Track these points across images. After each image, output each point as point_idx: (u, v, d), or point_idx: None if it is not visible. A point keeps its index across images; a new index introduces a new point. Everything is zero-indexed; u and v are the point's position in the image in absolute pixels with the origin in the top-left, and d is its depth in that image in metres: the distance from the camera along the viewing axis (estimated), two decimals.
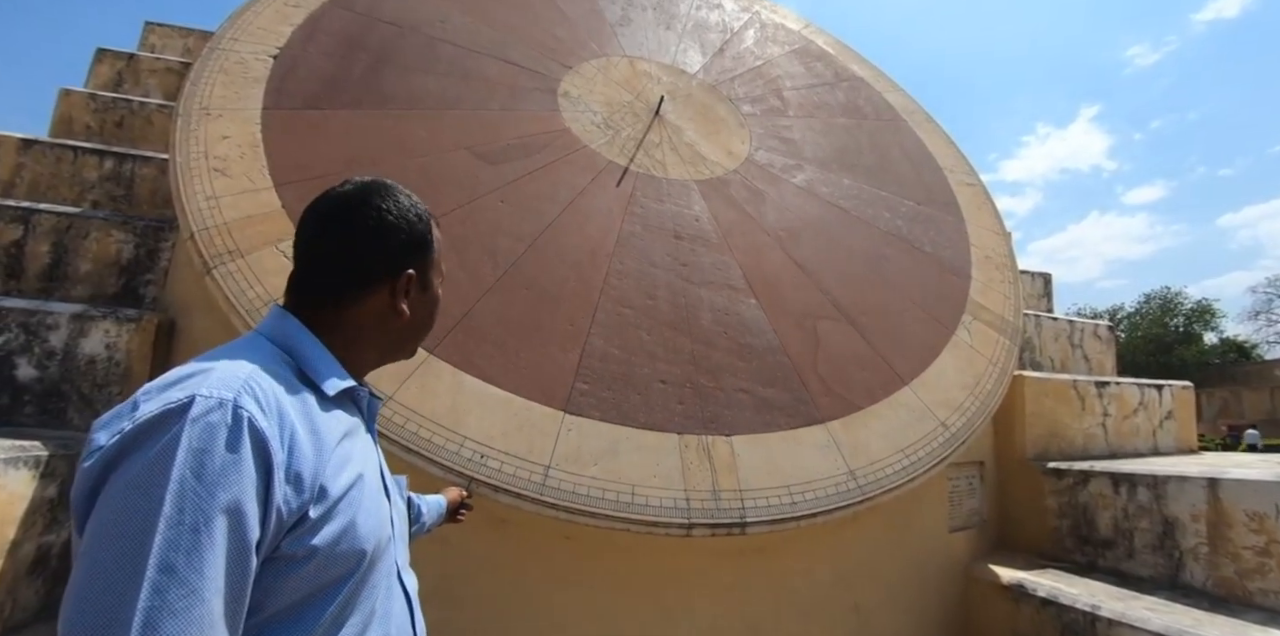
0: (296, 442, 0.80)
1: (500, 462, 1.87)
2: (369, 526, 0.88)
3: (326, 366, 0.93)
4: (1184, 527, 2.54)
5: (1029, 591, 2.54)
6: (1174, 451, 3.61)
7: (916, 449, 2.39)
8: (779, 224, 2.96)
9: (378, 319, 0.99)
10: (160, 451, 0.68)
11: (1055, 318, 4.13)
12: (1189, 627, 2.13)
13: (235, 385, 0.76)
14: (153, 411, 0.71)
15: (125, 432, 0.70)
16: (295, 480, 0.78)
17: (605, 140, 2.94)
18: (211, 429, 0.71)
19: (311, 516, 0.79)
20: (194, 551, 0.66)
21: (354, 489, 0.87)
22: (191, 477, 0.68)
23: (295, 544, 0.77)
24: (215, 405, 0.73)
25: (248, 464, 0.72)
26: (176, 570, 0.65)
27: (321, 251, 0.97)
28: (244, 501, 0.71)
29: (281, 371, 0.86)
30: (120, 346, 2.45)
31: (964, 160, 3.95)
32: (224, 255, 2.22)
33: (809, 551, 2.30)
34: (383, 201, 0.99)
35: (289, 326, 0.95)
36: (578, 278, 2.38)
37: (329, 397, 0.91)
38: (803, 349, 2.51)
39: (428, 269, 1.03)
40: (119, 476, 0.69)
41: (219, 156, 2.48)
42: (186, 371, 0.79)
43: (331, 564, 0.81)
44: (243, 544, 0.70)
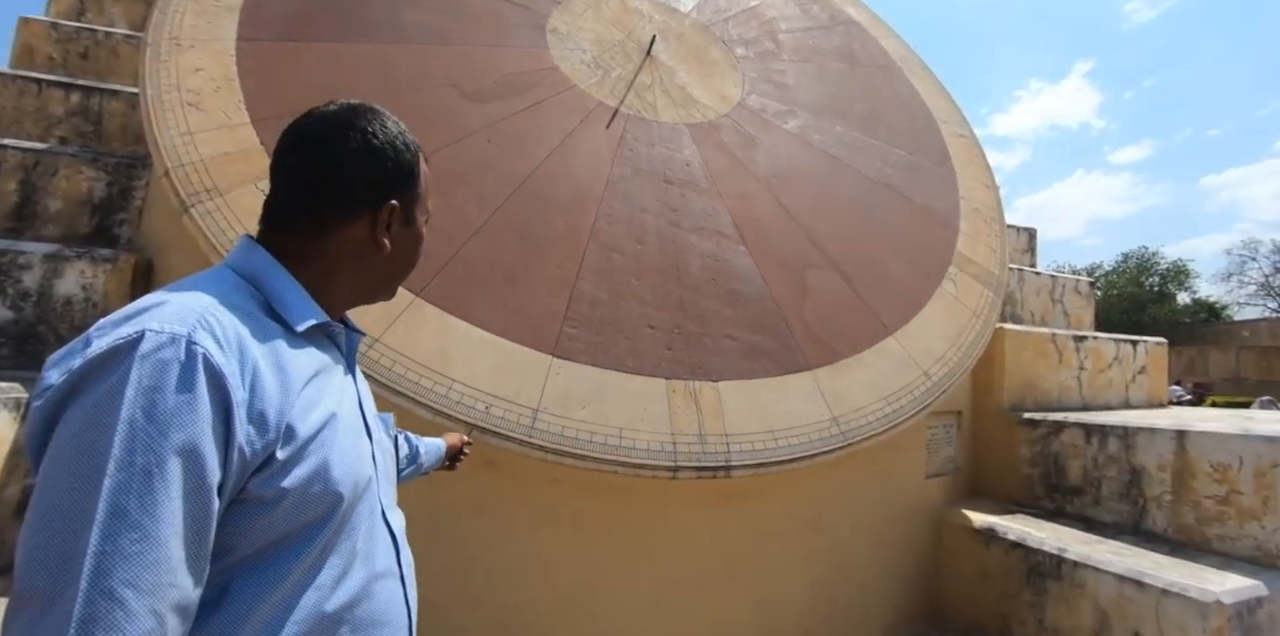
0: (259, 380, 0.76)
1: (488, 405, 1.88)
2: (344, 467, 0.85)
3: (296, 300, 0.88)
4: (1150, 477, 2.63)
5: (999, 534, 2.64)
6: (1145, 405, 3.71)
7: (899, 397, 2.43)
8: (770, 171, 2.92)
9: (355, 251, 0.93)
10: (109, 390, 0.65)
11: (1038, 272, 4.17)
12: (1149, 570, 2.23)
13: (190, 319, 0.72)
14: (102, 348, 0.68)
15: (74, 370, 0.67)
16: (259, 419, 0.74)
17: (595, 80, 2.86)
18: (163, 366, 0.67)
19: (279, 457, 0.76)
20: (146, 494, 0.64)
21: (326, 428, 0.83)
22: (142, 417, 0.65)
23: (263, 485, 0.75)
24: (167, 340, 0.69)
25: (203, 403, 0.69)
26: (128, 513, 0.62)
27: (299, 173, 0.91)
28: (200, 442, 0.68)
29: (245, 305, 0.82)
30: (97, 287, 2.40)
31: (957, 111, 3.90)
32: (201, 193, 2.15)
33: (790, 494, 2.36)
34: (369, 124, 0.92)
35: (256, 257, 0.89)
36: (566, 221, 2.34)
37: (298, 333, 0.86)
38: (790, 297, 2.51)
39: (412, 203, 0.97)
40: (69, 416, 0.66)
41: (192, 90, 2.37)
42: (142, 305, 0.75)
43: (305, 506, 0.79)
44: (201, 486, 0.68)
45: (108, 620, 0.60)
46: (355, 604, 0.84)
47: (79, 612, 0.59)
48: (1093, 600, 2.30)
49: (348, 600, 0.83)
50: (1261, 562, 2.31)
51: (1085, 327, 4.24)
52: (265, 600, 0.75)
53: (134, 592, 0.61)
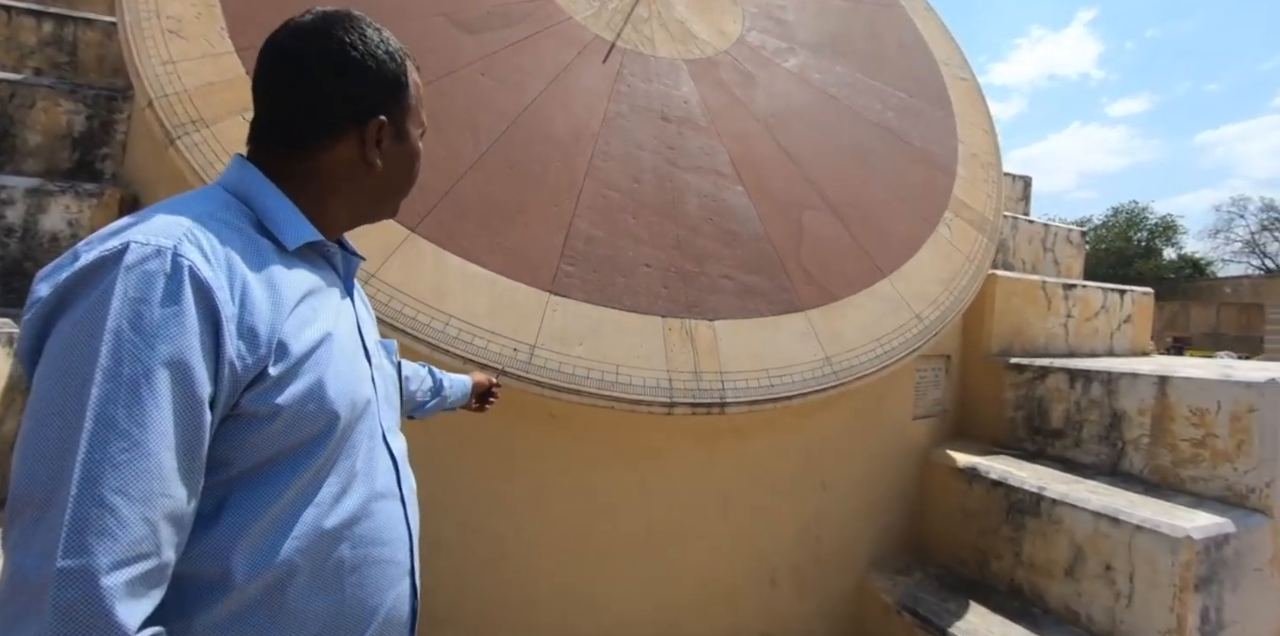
0: (249, 295, 0.75)
1: (486, 341, 1.88)
2: (341, 386, 0.84)
3: (289, 218, 0.86)
4: (1130, 420, 2.70)
5: (981, 474, 2.72)
6: (1128, 353, 3.78)
7: (891, 339, 2.46)
8: (768, 110, 2.86)
9: (347, 171, 0.90)
10: (95, 301, 0.65)
11: (1031, 220, 4.17)
12: (1124, 507, 2.32)
13: (176, 232, 0.71)
14: (89, 260, 0.68)
15: (61, 283, 0.67)
16: (249, 334, 0.74)
17: (591, 12, 2.76)
18: (148, 277, 0.67)
19: (271, 374, 0.76)
20: (134, 404, 0.64)
21: (321, 347, 0.83)
22: (128, 328, 0.65)
23: (257, 401, 0.75)
24: (152, 252, 0.68)
25: (190, 315, 0.68)
26: (117, 423, 0.63)
27: (278, 93, 0.88)
28: (187, 354, 0.68)
29: (235, 221, 0.81)
30: (83, 223, 2.35)
31: (959, 53, 3.81)
32: (186, 125, 2.09)
33: (782, 432, 2.41)
34: (347, 34, 0.88)
35: (248, 175, 0.87)
36: (562, 158, 2.30)
37: (291, 252, 0.84)
38: (786, 238, 2.50)
39: (403, 116, 0.94)
40: (58, 328, 0.66)
41: (172, 16, 2.28)
42: (129, 220, 0.75)
43: (300, 423, 0.79)
44: (190, 397, 0.68)
45: (99, 525, 0.60)
46: (355, 521, 0.85)
47: (70, 517, 0.60)
48: (1069, 535, 2.39)
49: (347, 517, 0.84)
50: (1230, 502, 2.40)
51: (1075, 276, 4.28)
52: (263, 514, 0.76)
53: (124, 500, 0.62)
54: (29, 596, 0.58)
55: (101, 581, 0.59)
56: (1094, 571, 2.33)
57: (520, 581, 2.12)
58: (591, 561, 2.19)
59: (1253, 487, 2.37)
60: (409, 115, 0.95)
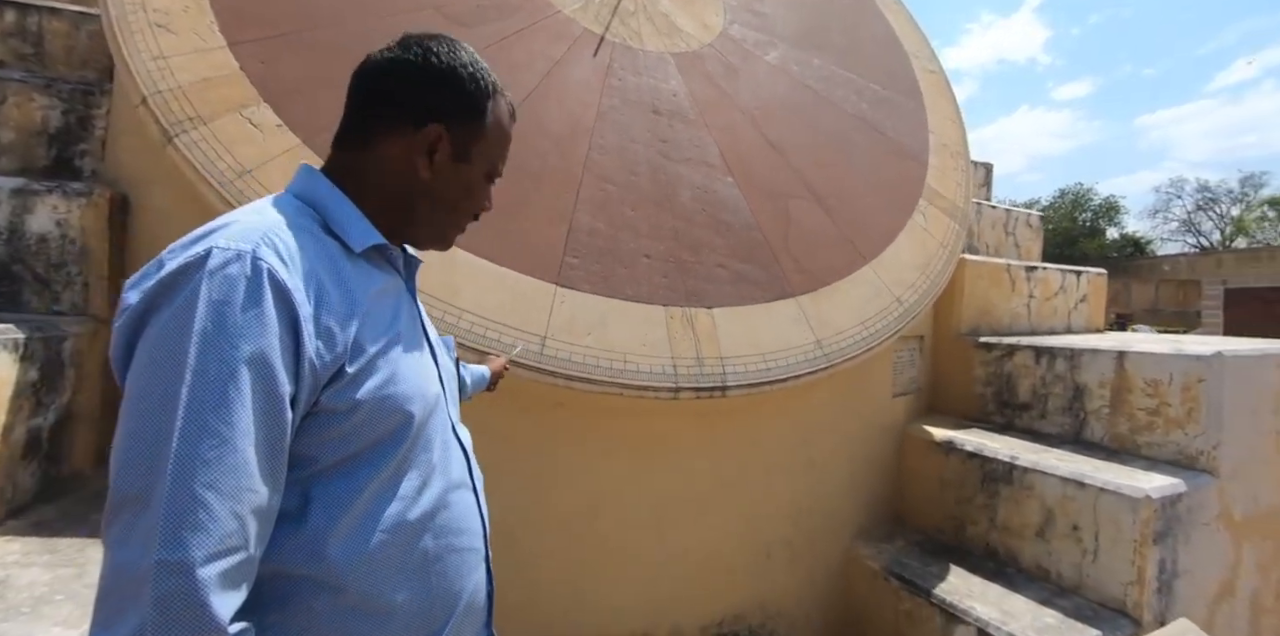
0: (325, 296, 0.78)
1: (499, 334, 1.95)
2: (413, 383, 0.88)
3: (353, 222, 0.89)
4: (1091, 393, 2.90)
5: (957, 446, 2.90)
6: (1084, 330, 4.01)
7: (874, 322, 2.60)
8: (753, 102, 2.95)
9: (392, 172, 0.91)
10: (181, 305, 0.68)
11: (994, 206, 4.36)
12: (1090, 472, 2.51)
13: (253, 237, 0.75)
14: (173, 267, 0.71)
15: (148, 289, 0.70)
16: (326, 333, 0.77)
17: (579, 5, 2.80)
18: (230, 281, 0.70)
19: (349, 371, 0.79)
20: (222, 403, 0.66)
21: (393, 345, 0.86)
22: (213, 330, 0.68)
23: (336, 397, 0.78)
24: (232, 257, 0.71)
25: (270, 316, 0.71)
26: (206, 421, 0.66)
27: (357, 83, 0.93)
28: (269, 353, 0.70)
29: (307, 225, 0.84)
30: (73, 223, 2.30)
31: (927, 46, 3.95)
32: (184, 122, 2.08)
33: (774, 413, 2.53)
34: (438, 46, 0.92)
35: (315, 181, 0.91)
36: (560, 152, 2.35)
37: (357, 254, 0.88)
38: (775, 227, 2.61)
39: (470, 139, 0.94)
40: (147, 333, 0.69)
41: (159, 9, 2.25)
42: (209, 227, 0.78)
43: (378, 419, 0.82)
44: (273, 395, 0.71)
45: (192, 520, 0.63)
46: (435, 512, 0.89)
47: (165, 512, 0.62)
48: (1040, 500, 2.58)
49: (428, 509, 0.88)
50: (1182, 464, 2.62)
51: (1034, 258, 4.50)
52: (349, 510, 0.79)
53: (215, 495, 0.65)
54: (130, 589, 0.61)
55: (197, 573, 0.62)
56: (1062, 531, 2.52)
57: (527, 565, 2.20)
58: (597, 542, 2.28)
59: (1201, 450, 2.58)
60: (479, 142, 0.95)
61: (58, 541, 1.61)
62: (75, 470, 2.05)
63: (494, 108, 0.96)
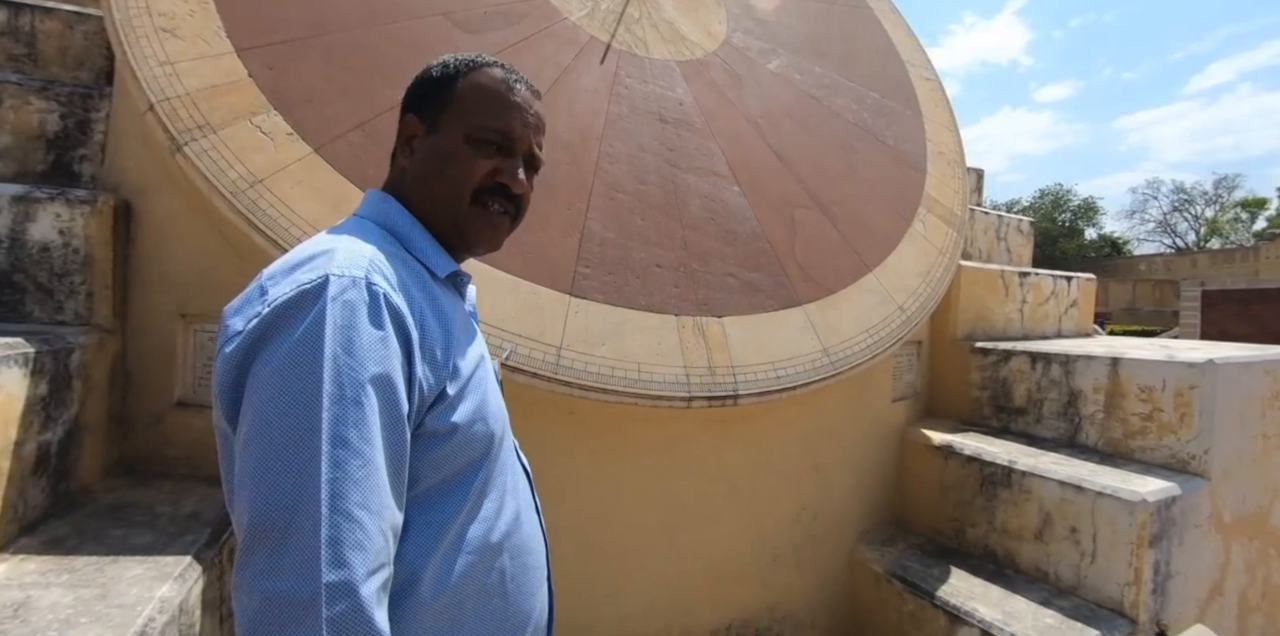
0: (427, 320, 0.81)
1: (515, 344, 1.95)
2: (496, 406, 0.91)
3: (430, 247, 0.92)
4: (1085, 398, 2.97)
5: (956, 450, 2.95)
6: (1075, 334, 4.09)
7: (879, 329, 2.64)
8: (757, 110, 2.97)
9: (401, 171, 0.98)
10: (307, 330, 0.69)
11: (987, 212, 4.43)
12: (1086, 476, 2.57)
13: (362, 264, 0.76)
14: (288, 293, 0.71)
15: (264, 316, 0.70)
16: (430, 357, 0.79)
17: (585, 12, 2.80)
18: (352, 306, 0.71)
19: (449, 393, 0.81)
20: (361, 424, 0.68)
21: (480, 369, 0.89)
22: (343, 353, 0.69)
23: (438, 419, 0.80)
24: (350, 283, 0.73)
25: (392, 338, 0.74)
26: (350, 442, 0.66)
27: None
28: (394, 374, 0.72)
29: (396, 251, 0.86)
30: (76, 231, 2.26)
31: (923, 54, 4.00)
32: (193, 130, 2.06)
33: (780, 419, 2.56)
34: (444, 56, 1.00)
35: (390, 207, 0.93)
36: (570, 161, 2.36)
37: (440, 279, 0.92)
38: (781, 235, 2.63)
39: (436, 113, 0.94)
40: (267, 358, 0.69)
41: (165, 14, 2.22)
42: (309, 252, 0.78)
43: (471, 441, 0.84)
44: (398, 415, 0.73)
45: (352, 539, 0.64)
46: (511, 533, 0.91)
47: (326, 534, 0.63)
48: (1038, 503, 2.63)
49: (506, 530, 0.90)
50: (1174, 468, 2.69)
51: (1024, 263, 4.57)
52: (446, 532, 0.81)
53: (368, 514, 0.66)
54: (292, 615, 0.61)
55: (361, 591, 0.64)
56: (1060, 534, 2.58)
57: None
58: (610, 551, 2.30)
59: (1193, 455, 2.65)
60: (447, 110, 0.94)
61: (75, 560, 1.59)
62: (84, 484, 2.02)
63: (466, 78, 0.96)
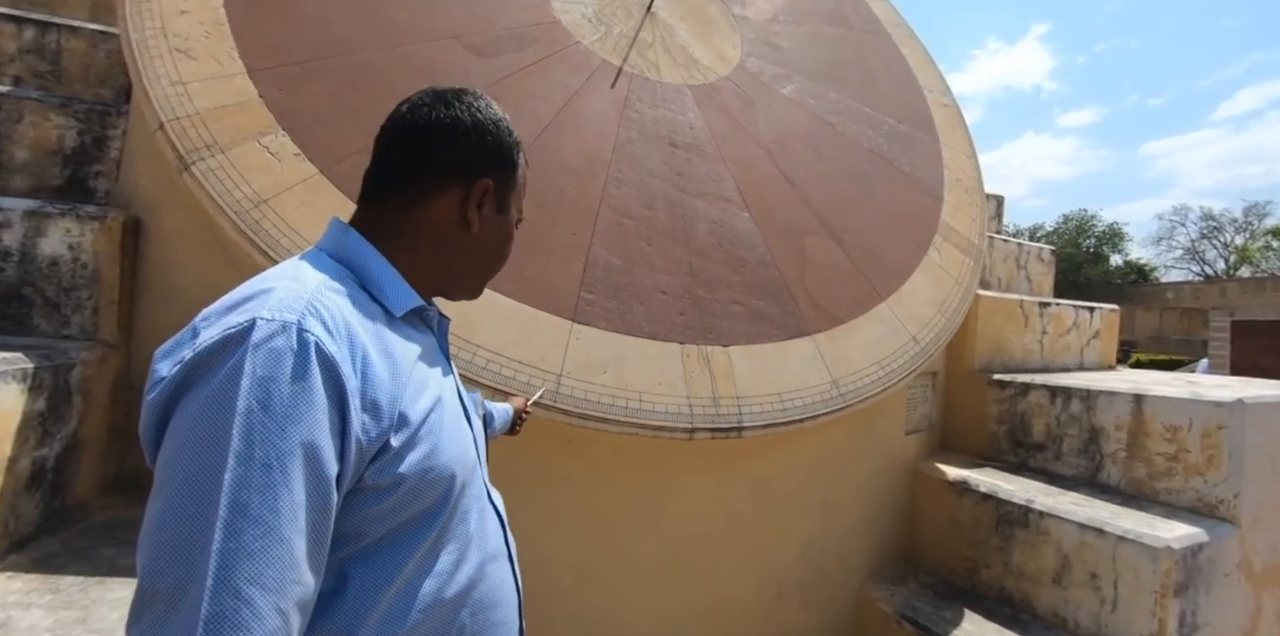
0: (370, 366, 0.74)
1: (515, 371, 1.91)
2: (453, 452, 0.84)
3: (392, 283, 0.86)
4: (1107, 435, 2.86)
5: (972, 487, 2.85)
6: (1096, 367, 3.97)
7: (891, 361, 2.56)
8: (769, 136, 2.94)
9: (443, 229, 0.90)
10: (223, 381, 0.64)
11: (1006, 239, 4.35)
12: (1108, 519, 2.46)
13: (298, 306, 0.70)
14: (213, 338, 0.66)
15: (186, 361, 0.66)
16: (372, 407, 0.73)
17: (597, 36, 2.80)
18: (276, 355, 0.66)
19: (394, 445, 0.75)
20: (267, 489, 0.62)
21: (434, 413, 0.82)
22: (258, 409, 0.63)
23: (380, 473, 0.74)
24: (278, 329, 0.67)
25: (318, 392, 0.67)
26: (249, 509, 0.61)
27: (400, 144, 0.90)
28: (317, 433, 0.66)
29: (347, 288, 0.80)
30: (85, 247, 2.28)
31: (941, 80, 3.96)
32: (201, 150, 2.06)
33: (787, 452, 2.49)
34: (476, 101, 0.93)
35: (350, 240, 0.87)
36: (577, 185, 2.34)
37: (397, 317, 0.84)
38: (791, 263, 2.58)
39: (508, 190, 0.95)
40: (184, 409, 0.65)
41: (179, 34, 2.24)
42: (246, 292, 0.73)
43: (420, 492, 0.78)
44: (320, 478, 0.66)
45: (235, 619, 0.59)
46: (472, 587, 0.86)
47: (206, 611, 0.58)
48: (1056, 545, 2.52)
49: (465, 584, 0.84)
50: (1201, 512, 2.57)
51: (1045, 293, 4.47)
52: (387, 589, 0.76)
53: (259, 591, 0.60)
54: None
55: None
56: (1080, 579, 2.46)
57: (537, 604, 2.15)
58: (607, 581, 2.23)
59: (1222, 499, 2.53)
60: (513, 193, 0.96)
61: (60, 579, 1.57)
62: (79, 500, 2.01)
63: (521, 159, 0.98)
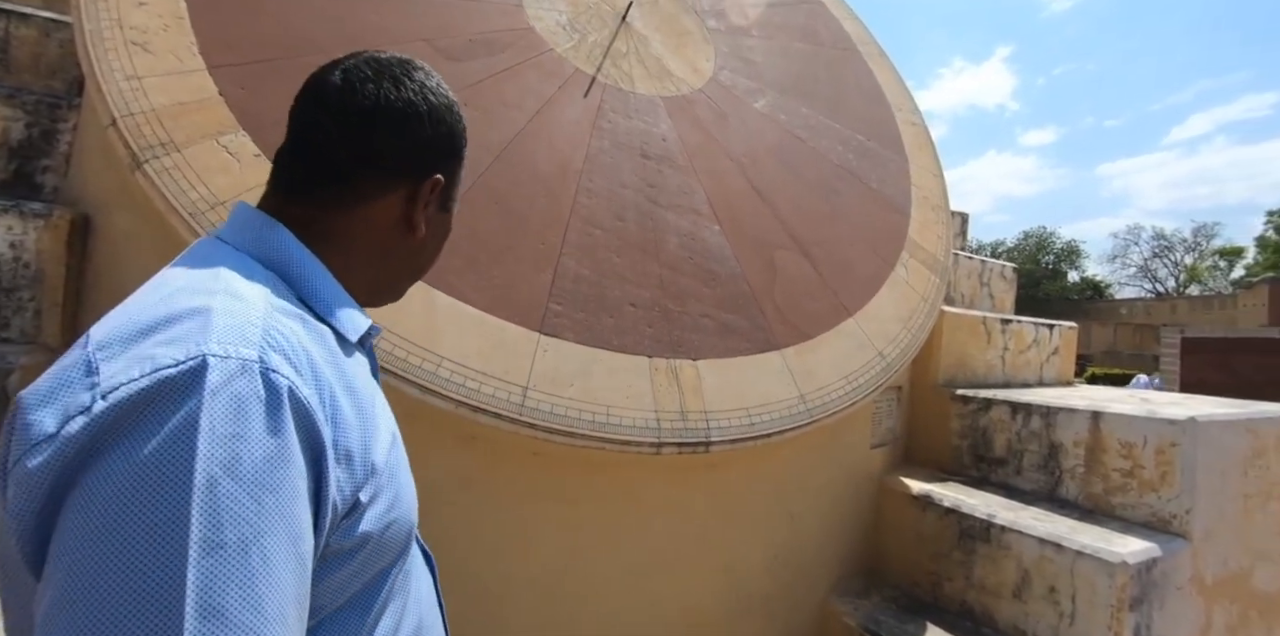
0: (339, 409, 0.60)
1: (479, 383, 1.87)
2: (409, 498, 0.73)
3: (340, 300, 0.72)
4: (1066, 451, 2.91)
5: (935, 501, 2.87)
6: (1055, 383, 4.05)
7: (858, 376, 2.57)
8: (741, 149, 2.94)
9: (383, 233, 0.77)
10: (170, 442, 0.47)
11: (970, 257, 4.42)
12: (1066, 533, 2.49)
13: (254, 337, 0.54)
14: (137, 381, 0.48)
15: (97, 415, 0.47)
16: (346, 459, 0.60)
17: (571, 44, 2.78)
18: (241, 405, 0.50)
19: (363, 500, 0.62)
20: (247, 582, 0.47)
21: (393, 453, 0.70)
22: (225, 478, 0.48)
23: (345, 535, 0.61)
24: (237, 369, 0.51)
25: (294, 450, 0.53)
26: (227, 612, 0.45)
27: (336, 129, 0.72)
28: (295, 504, 0.52)
29: (293, 307, 0.64)
30: (28, 246, 2.18)
31: (910, 98, 4.03)
32: (155, 148, 1.99)
33: (753, 466, 2.48)
34: (428, 78, 0.78)
35: (279, 239, 0.69)
36: (547, 194, 2.31)
37: (351, 342, 0.72)
38: (761, 277, 2.58)
39: (453, 185, 0.84)
40: (100, 483, 0.46)
41: (136, 27, 2.16)
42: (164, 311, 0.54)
43: (383, 550, 0.66)
44: (302, 560, 0.53)
45: None
46: None
47: None
48: (1017, 560, 2.55)
49: None
50: (1155, 527, 2.62)
51: (1007, 309, 4.56)
52: None
53: None
54: None
55: None
56: (1039, 593, 2.49)
57: (501, 619, 2.10)
58: (571, 596, 2.19)
59: (1174, 514, 2.59)
60: (456, 186, 0.86)
61: None
62: None
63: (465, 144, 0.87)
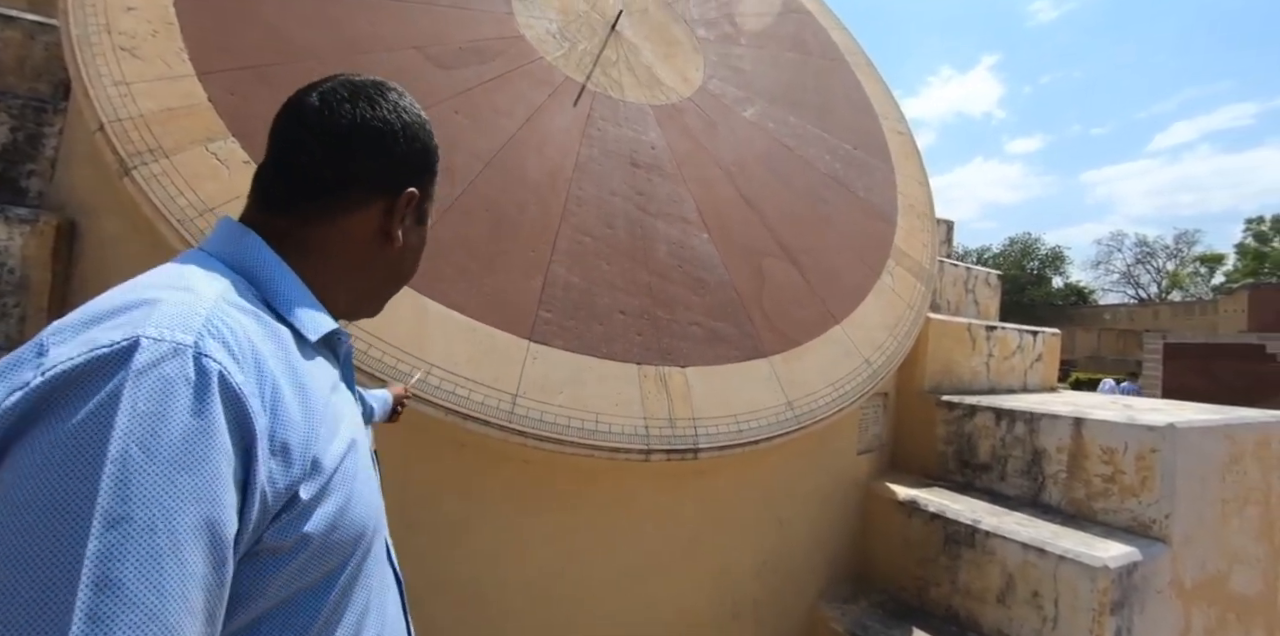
0: (281, 401, 0.61)
1: (469, 390, 1.87)
2: (365, 504, 0.71)
3: (301, 300, 0.73)
4: (1049, 457, 2.95)
5: (921, 506, 2.90)
6: (1039, 389, 4.10)
7: (844, 383, 2.60)
8: (730, 158, 2.97)
9: (361, 245, 0.80)
10: (89, 417, 0.49)
11: (955, 264, 4.47)
12: (1049, 538, 2.53)
13: (193, 324, 0.56)
14: (73, 359, 0.50)
15: (32, 388, 0.49)
16: (282, 451, 0.60)
17: (561, 53, 2.79)
18: (167, 385, 0.51)
19: (302, 497, 0.62)
20: (149, 560, 0.47)
21: (348, 459, 0.69)
22: (140, 454, 0.49)
23: (282, 532, 0.60)
24: (169, 351, 0.53)
25: (220, 434, 0.53)
26: (123, 588, 0.46)
27: (315, 148, 0.76)
28: (216, 485, 0.52)
29: (251, 305, 0.66)
30: (14, 251, 2.16)
31: (896, 107, 4.07)
32: (144, 154, 1.98)
33: (741, 472, 2.49)
34: (401, 98, 0.82)
35: (250, 246, 0.72)
36: (538, 202, 2.32)
37: (311, 342, 0.72)
38: (749, 284, 2.60)
39: (426, 198, 0.87)
40: (26, 452, 0.48)
41: (125, 32, 2.16)
42: (117, 302, 0.57)
43: (325, 554, 0.65)
44: (217, 544, 0.52)
45: None
46: None
47: None
48: (1001, 565, 2.58)
49: None
50: (1136, 532, 2.66)
51: (992, 316, 4.61)
52: None
53: None
54: None
55: None
56: (1023, 597, 2.52)
57: (492, 623, 2.10)
58: (565, 601, 2.20)
59: (1154, 519, 2.63)
60: (430, 200, 0.89)
61: None
62: None
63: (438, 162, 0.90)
